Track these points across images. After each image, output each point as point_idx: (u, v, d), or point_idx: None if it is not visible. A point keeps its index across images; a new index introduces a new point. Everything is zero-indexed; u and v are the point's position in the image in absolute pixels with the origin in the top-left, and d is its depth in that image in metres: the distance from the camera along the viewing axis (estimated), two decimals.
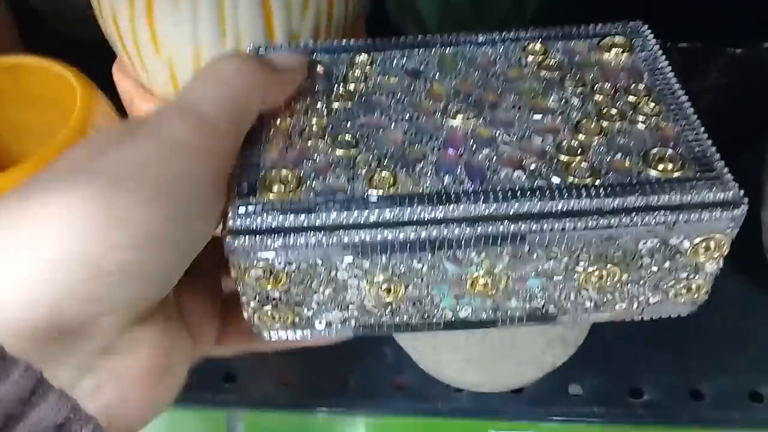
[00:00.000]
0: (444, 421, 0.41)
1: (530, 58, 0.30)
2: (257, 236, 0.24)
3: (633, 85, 0.28)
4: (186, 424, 0.42)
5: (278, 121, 0.28)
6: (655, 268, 0.25)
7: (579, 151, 0.25)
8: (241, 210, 0.24)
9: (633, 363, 0.42)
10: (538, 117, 0.27)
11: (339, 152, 0.26)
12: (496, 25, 0.50)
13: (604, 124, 0.26)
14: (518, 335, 0.36)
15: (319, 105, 0.28)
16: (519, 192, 0.24)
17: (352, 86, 0.29)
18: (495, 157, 0.25)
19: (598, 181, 0.24)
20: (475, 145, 0.26)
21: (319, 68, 0.30)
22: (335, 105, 0.28)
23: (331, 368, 0.43)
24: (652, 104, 0.27)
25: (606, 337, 0.42)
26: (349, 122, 0.27)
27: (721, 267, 0.26)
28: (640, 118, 0.26)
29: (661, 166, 0.24)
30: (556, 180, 0.24)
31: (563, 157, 0.25)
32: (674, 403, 0.40)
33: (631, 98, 0.27)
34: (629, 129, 0.26)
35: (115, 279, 0.20)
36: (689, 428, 0.39)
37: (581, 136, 0.26)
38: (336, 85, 0.29)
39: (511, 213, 0.24)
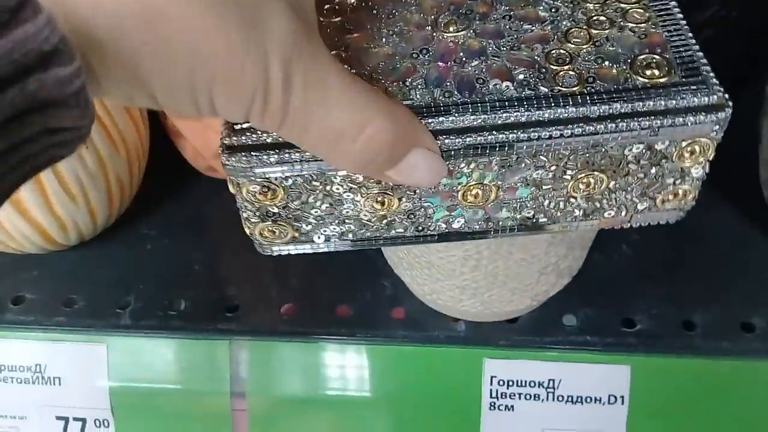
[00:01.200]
0: (440, 349, 0.42)
1: None
2: (253, 153, 0.25)
3: None
4: (190, 354, 0.43)
5: None
6: (641, 174, 0.26)
7: (567, 60, 0.25)
8: (237, 126, 0.25)
9: (626, 294, 0.42)
10: (527, 26, 0.27)
11: None
12: None
13: (593, 32, 0.26)
14: (512, 263, 0.36)
15: None
16: (507, 102, 0.24)
17: (340, 1, 0.29)
18: (484, 69, 0.25)
19: (585, 90, 0.24)
20: (464, 57, 0.26)
21: None
22: (323, 20, 0.28)
23: (331, 300, 0.44)
24: (641, 11, 0.27)
25: (599, 269, 0.43)
26: (338, 38, 0.27)
27: (708, 173, 0.26)
28: (629, 25, 0.26)
29: (648, 72, 0.25)
30: (543, 89, 0.25)
31: (552, 67, 0.25)
32: (666, 333, 0.40)
33: (623, 5, 0.27)
34: (618, 36, 0.26)
35: None
36: (681, 357, 0.40)
37: (570, 45, 0.26)
38: (325, 1, 0.29)
39: (499, 123, 0.24)
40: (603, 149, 0.25)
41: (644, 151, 0.25)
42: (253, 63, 0.20)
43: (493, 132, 0.24)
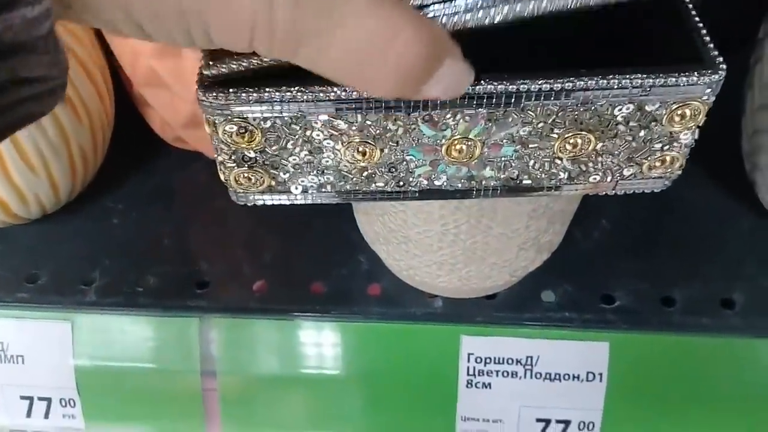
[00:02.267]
0: (417, 326, 0.41)
1: None
2: (231, 89, 0.23)
3: None
4: (158, 332, 0.42)
5: None
6: (629, 137, 0.26)
7: None
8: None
9: (605, 270, 0.42)
10: None
11: None
12: None
13: None
14: (491, 238, 0.35)
15: None
16: None
17: None
18: None
19: None
20: None
21: None
22: None
23: (305, 275, 0.43)
24: None
25: (578, 245, 0.42)
26: None
27: (696, 139, 0.26)
28: None
29: None
30: None
31: None
32: (646, 309, 0.40)
33: None
34: None
35: None
36: (660, 334, 0.40)
37: None
38: None
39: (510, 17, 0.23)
40: (592, 107, 0.24)
41: (634, 111, 0.25)
42: None
43: (480, 82, 0.23)
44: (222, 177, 0.27)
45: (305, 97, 0.24)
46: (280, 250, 0.44)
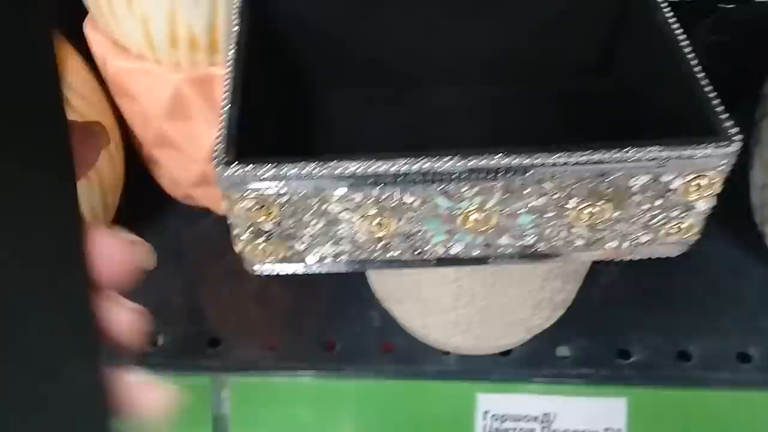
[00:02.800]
0: (431, 383, 0.40)
1: None
2: (248, 166, 0.24)
3: None
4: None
5: None
6: (646, 206, 0.26)
7: None
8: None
9: (621, 324, 0.41)
10: None
11: None
12: None
13: None
14: (507, 299, 0.35)
15: None
16: None
17: None
18: None
19: None
20: None
21: None
22: None
23: (317, 332, 0.42)
24: None
25: (594, 299, 0.42)
26: None
27: (713, 207, 0.26)
28: None
29: None
30: None
31: None
32: (662, 363, 0.40)
33: None
34: None
35: None
36: (677, 388, 0.39)
37: None
38: None
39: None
40: (608, 178, 0.24)
41: (650, 182, 0.25)
42: None
43: (497, 155, 0.24)
44: (237, 249, 0.27)
45: (322, 172, 0.24)
46: (292, 307, 0.44)
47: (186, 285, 0.45)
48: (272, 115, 0.32)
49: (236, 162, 0.24)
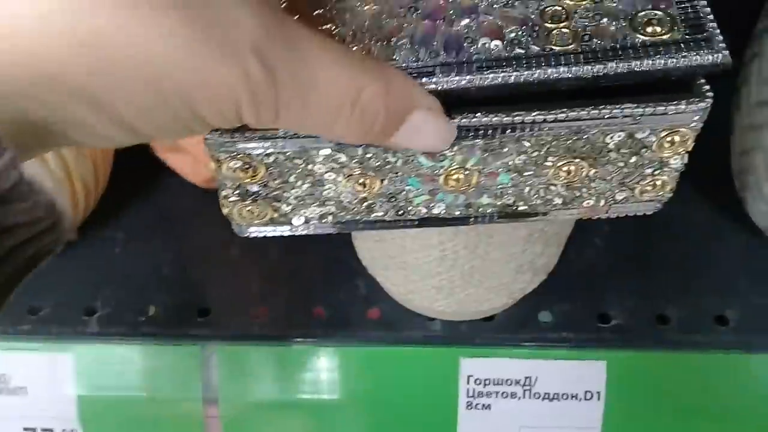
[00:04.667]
0: (416, 349, 0.41)
1: None
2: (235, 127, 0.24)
3: None
4: (160, 359, 0.42)
5: None
6: (621, 163, 0.26)
7: (563, 17, 0.24)
8: None
9: (601, 289, 0.42)
10: None
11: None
12: None
13: None
14: (489, 263, 0.36)
15: None
16: (495, 62, 0.24)
17: None
18: (474, 27, 0.25)
19: (579, 48, 0.24)
20: (454, 15, 0.25)
21: None
22: None
23: (304, 301, 0.43)
24: None
25: (574, 265, 0.43)
26: None
27: (686, 163, 0.26)
28: None
29: (648, 29, 0.24)
30: (534, 48, 0.24)
31: (546, 24, 0.24)
32: (641, 327, 0.40)
33: None
34: None
35: None
36: (656, 351, 0.40)
37: (567, 1, 0.25)
38: None
39: (485, 84, 0.24)
40: (585, 136, 0.25)
41: (625, 139, 0.25)
42: (228, 67, 0.19)
43: (477, 114, 0.24)
44: (224, 211, 0.27)
45: None
46: (279, 277, 0.44)
47: (176, 256, 0.46)
48: None
49: None
